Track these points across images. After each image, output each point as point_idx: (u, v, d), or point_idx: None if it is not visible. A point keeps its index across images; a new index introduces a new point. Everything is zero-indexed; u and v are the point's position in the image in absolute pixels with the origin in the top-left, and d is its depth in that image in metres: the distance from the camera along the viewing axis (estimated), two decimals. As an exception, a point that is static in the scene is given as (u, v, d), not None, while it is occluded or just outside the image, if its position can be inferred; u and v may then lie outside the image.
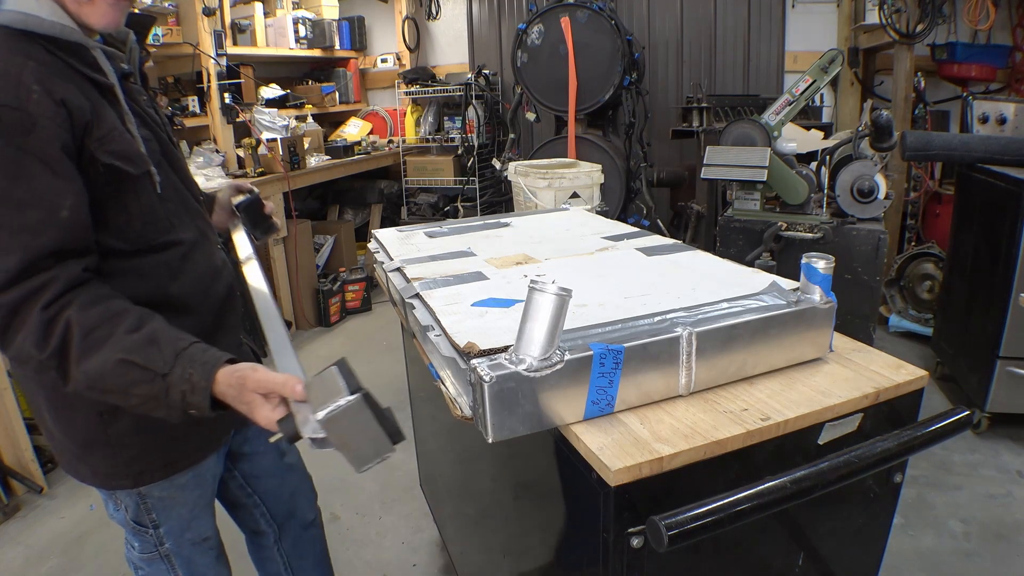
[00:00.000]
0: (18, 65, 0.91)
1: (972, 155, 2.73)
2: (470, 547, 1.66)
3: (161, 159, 1.11)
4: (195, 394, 0.91)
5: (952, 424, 0.92)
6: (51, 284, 0.90)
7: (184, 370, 0.91)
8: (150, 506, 1.19)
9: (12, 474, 2.49)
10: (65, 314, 0.89)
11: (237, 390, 0.91)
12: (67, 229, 0.92)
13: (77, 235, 0.94)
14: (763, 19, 4.57)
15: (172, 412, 0.93)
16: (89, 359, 0.89)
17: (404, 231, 1.70)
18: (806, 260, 1.00)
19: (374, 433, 0.84)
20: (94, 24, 1.00)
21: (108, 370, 0.89)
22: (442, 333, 1.00)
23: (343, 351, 3.83)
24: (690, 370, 0.92)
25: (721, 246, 2.69)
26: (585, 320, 0.96)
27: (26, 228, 0.89)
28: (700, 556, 0.89)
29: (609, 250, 1.43)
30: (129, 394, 0.91)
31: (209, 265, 1.19)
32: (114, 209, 1.01)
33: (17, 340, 0.90)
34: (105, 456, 1.12)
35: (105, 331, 0.90)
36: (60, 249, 0.91)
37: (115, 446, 1.11)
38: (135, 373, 0.90)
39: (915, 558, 2.04)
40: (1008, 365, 2.52)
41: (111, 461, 1.12)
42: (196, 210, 1.20)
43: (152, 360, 0.91)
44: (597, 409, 0.88)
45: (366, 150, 4.96)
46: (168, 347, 0.92)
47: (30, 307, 0.89)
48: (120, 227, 1.02)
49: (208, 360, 0.93)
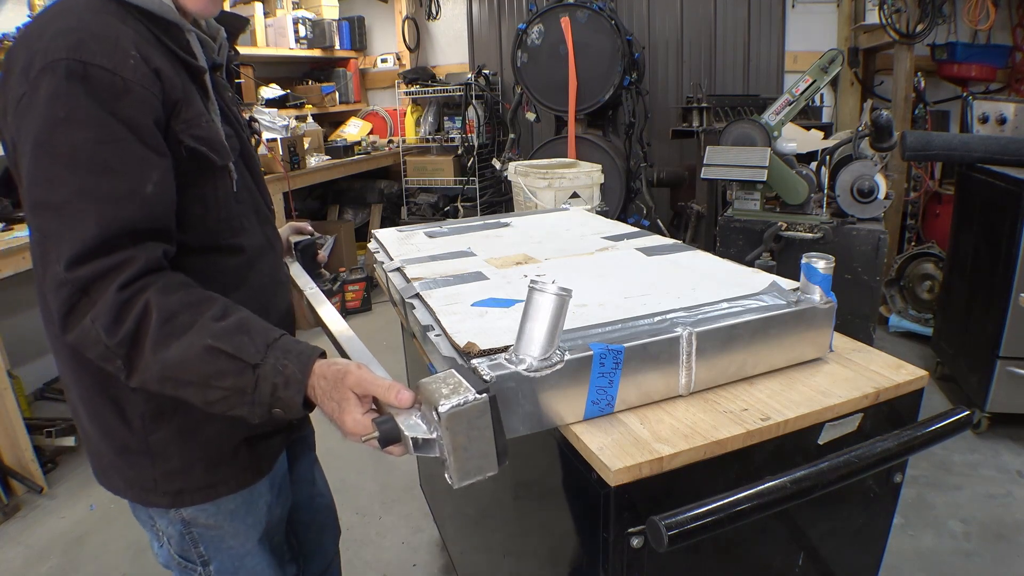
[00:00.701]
0: (115, 29, 0.86)
1: (972, 155, 2.73)
2: (470, 547, 1.66)
3: (239, 159, 1.05)
4: (288, 388, 0.82)
5: (952, 424, 0.91)
6: (130, 263, 0.82)
7: (278, 361, 0.83)
8: (196, 537, 1.07)
9: (12, 474, 2.49)
10: (143, 296, 0.81)
11: (332, 384, 0.82)
12: (151, 206, 0.85)
13: (160, 215, 0.87)
14: (763, 19, 4.57)
15: (255, 410, 0.84)
16: (169, 346, 0.81)
17: (404, 231, 1.70)
18: (806, 260, 1.00)
19: (487, 444, 0.75)
20: (190, 7, 0.97)
21: (191, 358, 0.81)
22: (442, 333, 1.00)
23: (343, 351, 3.82)
24: (690, 370, 0.92)
25: (721, 246, 2.69)
26: (585, 320, 0.96)
27: (108, 198, 0.82)
28: (700, 556, 0.89)
29: (609, 250, 1.43)
30: (211, 387, 0.82)
31: (273, 277, 1.13)
32: (190, 199, 0.94)
33: (84, 323, 0.81)
34: (142, 466, 1.01)
35: (189, 317, 0.82)
36: (141, 227, 0.84)
37: (155, 455, 1.00)
38: (222, 362, 0.81)
39: (915, 558, 2.04)
40: (1008, 365, 2.52)
41: (148, 472, 1.01)
42: (266, 217, 1.14)
43: (243, 349, 0.82)
44: (597, 409, 0.88)
45: (366, 150, 4.96)
46: (259, 336, 0.84)
47: (105, 286, 0.80)
48: (193, 220, 0.95)
49: (303, 351, 0.85)
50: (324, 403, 0.83)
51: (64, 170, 0.81)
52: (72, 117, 0.81)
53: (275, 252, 1.16)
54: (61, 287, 0.81)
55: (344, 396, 0.81)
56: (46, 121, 0.81)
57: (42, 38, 0.83)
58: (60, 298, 0.81)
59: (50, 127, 0.81)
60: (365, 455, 2.73)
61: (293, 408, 0.83)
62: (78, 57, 0.81)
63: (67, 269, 0.80)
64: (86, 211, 0.81)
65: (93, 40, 0.83)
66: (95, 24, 0.85)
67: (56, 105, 0.81)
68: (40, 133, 0.81)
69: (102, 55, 0.83)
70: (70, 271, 0.80)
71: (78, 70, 0.81)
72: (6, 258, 2.44)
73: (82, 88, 0.81)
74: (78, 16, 0.86)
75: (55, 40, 0.82)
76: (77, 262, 0.80)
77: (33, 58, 0.82)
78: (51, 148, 0.81)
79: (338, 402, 0.81)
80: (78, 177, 0.81)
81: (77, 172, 0.81)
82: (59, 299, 0.81)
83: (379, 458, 2.73)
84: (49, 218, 0.82)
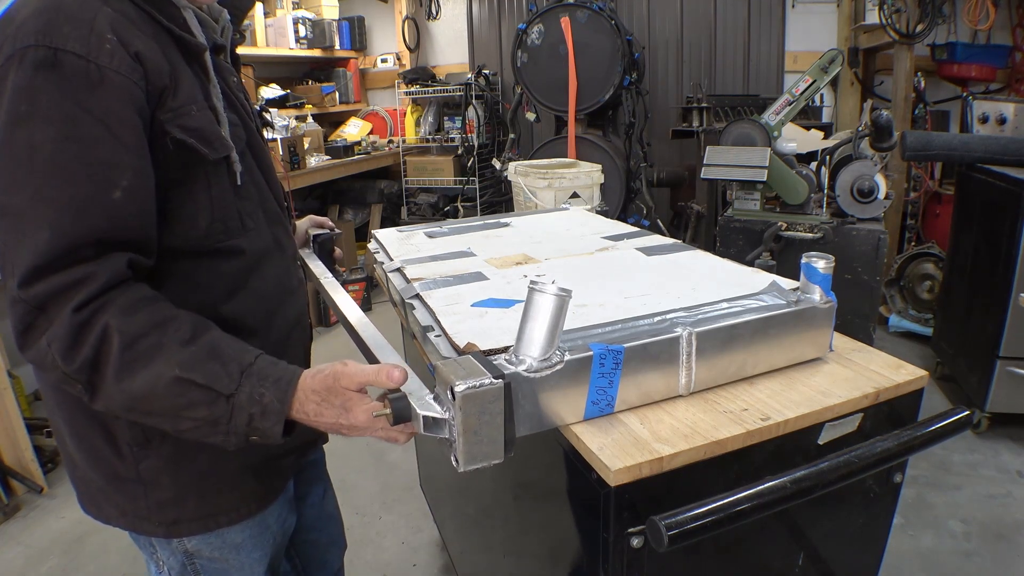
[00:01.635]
0: (92, 9, 0.77)
1: (972, 155, 2.73)
2: (470, 547, 1.66)
3: (246, 149, 0.96)
4: (265, 418, 0.77)
5: (952, 424, 0.91)
6: (88, 280, 0.74)
7: (254, 389, 0.77)
8: (199, 568, 1.00)
9: (12, 474, 2.49)
10: (102, 318, 0.74)
11: (326, 392, 0.78)
12: (119, 213, 0.76)
13: (130, 223, 0.78)
14: (763, 19, 4.57)
15: (230, 439, 0.78)
16: (133, 376, 0.74)
17: (404, 231, 1.70)
18: (806, 260, 1.00)
19: (497, 431, 0.76)
20: None
21: (159, 389, 0.74)
22: (442, 333, 1.00)
23: (343, 351, 3.82)
24: (690, 370, 0.92)
25: (721, 246, 2.69)
26: (585, 320, 0.96)
27: (67, 205, 0.73)
28: (700, 556, 0.89)
29: (609, 250, 1.43)
30: (181, 417, 0.76)
31: (280, 284, 1.03)
32: (179, 197, 0.85)
33: (40, 344, 0.74)
34: (134, 495, 0.94)
35: (153, 341, 0.75)
36: (106, 238, 0.76)
37: (146, 484, 0.93)
38: (193, 393, 0.75)
39: (915, 558, 2.04)
40: (1008, 365, 2.52)
41: (142, 501, 0.94)
42: (276, 215, 1.03)
43: (215, 378, 0.76)
44: (597, 409, 0.88)
45: (366, 150, 4.97)
46: (232, 363, 0.77)
47: (60, 306, 0.73)
48: (183, 220, 0.86)
49: (282, 376, 0.79)
50: (324, 414, 0.79)
51: (22, 172, 0.73)
52: (35, 112, 0.73)
53: (285, 255, 1.05)
54: (15, 304, 0.74)
55: (346, 397, 0.78)
56: (8, 116, 0.73)
57: (14, 21, 0.76)
58: (15, 315, 0.75)
59: (11, 123, 0.73)
60: (365, 455, 2.73)
61: (271, 437, 0.79)
62: (47, 43, 0.73)
63: (20, 286, 0.73)
64: (41, 220, 0.73)
65: (66, 22, 0.75)
66: (70, 2, 0.77)
67: (19, 98, 0.73)
68: (1, 130, 0.74)
69: (75, 39, 0.74)
70: (23, 288, 0.73)
71: (47, 58, 0.73)
72: (6, 258, 2.43)
73: (50, 77, 0.73)
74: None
75: (26, 24, 0.75)
76: (31, 278, 0.73)
77: (2, 44, 0.75)
78: (10, 147, 0.74)
79: (342, 405, 0.78)
80: (35, 180, 0.73)
81: (34, 175, 0.73)
82: (14, 316, 0.75)
83: (379, 458, 2.72)
84: (5, 226, 0.75)
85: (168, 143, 0.82)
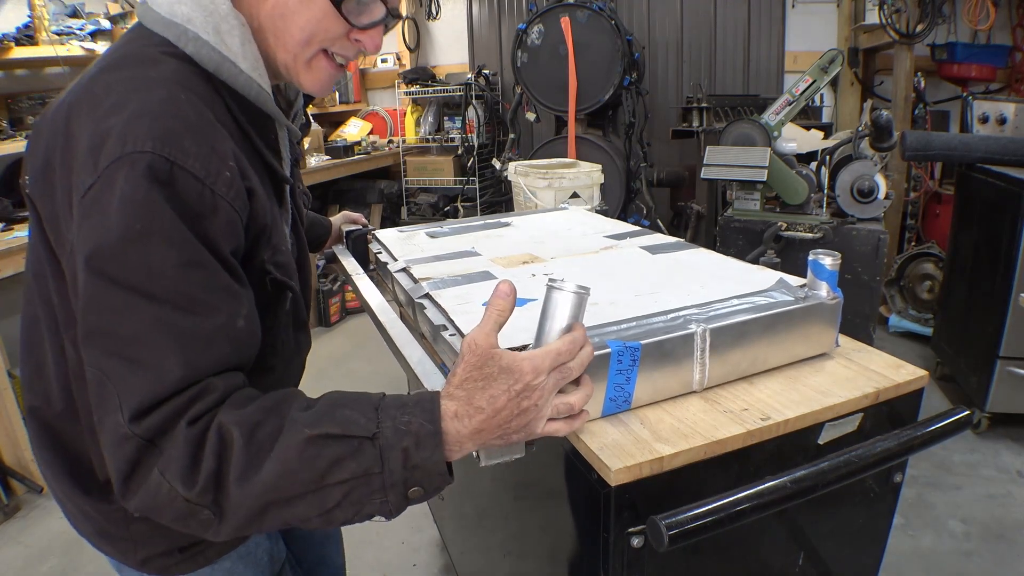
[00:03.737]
0: (212, 126, 0.71)
1: (972, 155, 2.73)
2: (470, 547, 1.66)
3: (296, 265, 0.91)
4: (422, 447, 0.64)
5: (952, 424, 0.91)
6: (204, 393, 0.66)
7: (396, 421, 0.65)
8: None
9: (12, 474, 2.49)
10: (214, 422, 0.64)
11: (483, 381, 0.66)
12: (242, 343, 0.71)
13: (250, 352, 0.73)
14: (763, 19, 4.57)
15: (389, 496, 0.65)
16: (261, 465, 0.62)
17: (405, 231, 1.70)
18: (813, 257, 1.02)
19: None
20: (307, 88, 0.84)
21: (292, 463, 0.62)
22: (456, 332, 1.00)
23: (343, 351, 3.83)
24: (704, 366, 0.93)
25: (721, 246, 2.69)
26: (600, 318, 0.96)
27: (194, 335, 0.66)
28: (700, 556, 0.89)
29: (613, 249, 1.43)
30: (326, 488, 0.64)
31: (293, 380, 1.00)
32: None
33: (150, 480, 0.63)
34: (124, 550, 0.89)
35: (273, 423, 0.65)
36: (229, 366, 0.70)
37: (136, 542, 0.88)
38: (331, 449, 0.63)
39: (915, 558, 2.04)
40: (1008, 365, 2.52)
41: (131, 556, 0.89)
42: (303, 322, 0.97)
43: (350, 424, 0.64)
44: (615, 406, 0.89)
45: (366, 150, 4.97)
46: (362, 403, 0.67)
47: (174, 428, 0.63)
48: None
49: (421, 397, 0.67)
50: (501, 417, 0.66)
51: (137, 296, 0.65)
52: (152, 232, 0.65)
53: (300, 357, 1.01)
54: (123, 442, 0.64)
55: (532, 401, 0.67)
56: (120, 233, 0.64)
57: (120, 111, 0.67)
58: (121, 456, 0.64)
59: (124, 241, 0.64)
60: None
61: (434, 474, 0.66)
62: (165, 154, 0.66)
63: (132, 420, 0.63)
64: (165, 348, 0.65)
65: (187, 134, 0.68)
66: (190, 111, 0.69)
67: (131, 212, 0.64)
68: (108, 245, 0.65)
69: (195, 158, 0.67)
70: (136, 422, 0.63)
71: (162, 171, 0.66)
72: (6, 258, 2.44)
73: (162, 195, 0.65)
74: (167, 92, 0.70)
75: (139, 122, 0.66)
76: (148, 410, 0.64)
77: (106, 137, 0.66)
78: (122, 268, 0.65)
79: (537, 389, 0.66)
80: (154, 307, 0.65)
81: (154, 301, 0.65)
82: (119, 458, 0.64)
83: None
84: (111, 354, 0.65)
85: (268, 282, 0.80)
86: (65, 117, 0.72)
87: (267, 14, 0.78)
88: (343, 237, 1.50)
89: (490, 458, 0.74)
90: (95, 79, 0.73)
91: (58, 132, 0.72)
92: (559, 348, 0.70)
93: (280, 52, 0.80)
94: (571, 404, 0.72)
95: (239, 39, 0.76)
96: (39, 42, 2.93)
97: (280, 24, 0.78)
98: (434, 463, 0.65)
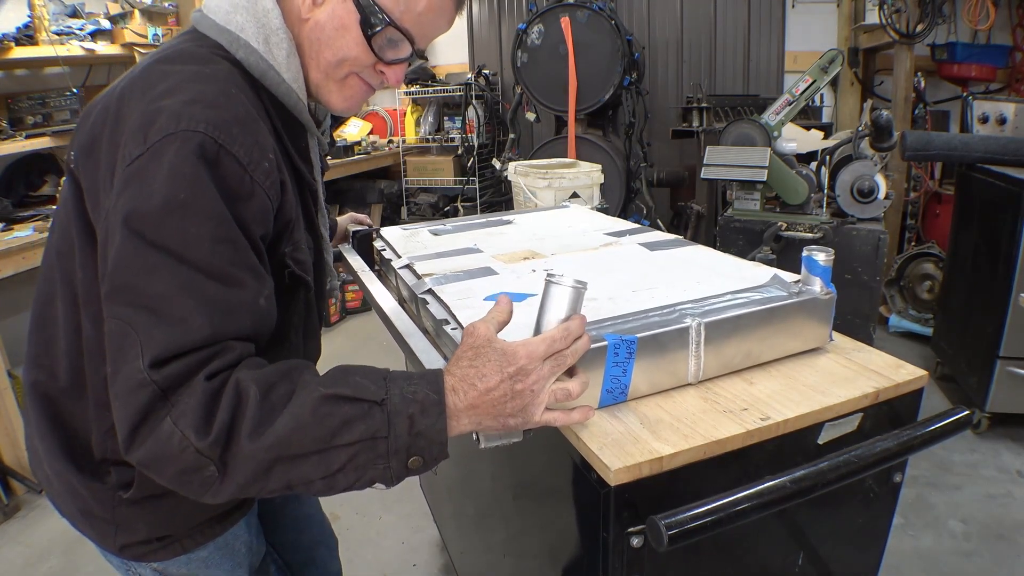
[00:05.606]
0: (257, 122, 0.76)
1: (972, 155, 2.73)
2: (470, 547, 1.66)
3: (315, 265, 0.95)
4: (427, 414, 0.68)
5: (952, 424, 0.92)
6: (224, 352, 0.69)
7: (403, 389, 0.69)
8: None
9: (12, 474, 2.49)
10: (232, 379, 0.67)
11: (480, 364, 0.71)
12: (262, 320, 0.75)
13: (265, 332, 0.77)
14: (763, 19, 4.57)
15: (391, 463, 0.69)
16: (276, 418, 0.66)
17: (408, 229, 1.71)
18: (807, 253, 1.03)
19: None
20: (335, 107, 0.90)
21: (305, 417, 0.66)
22: (458, 327, 1.02)
23: (343, 351, 3.83)
24: (699, 359, 0.94)
25: (721, 246, 2.69)
26: (598, 314, 0.97)
27: (219, 304, 0.70)
28: (700, 556, 0.89)
29: (613, 246, 1.44)
30: (334, 448, 0.67)
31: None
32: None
33: (161, 429, 0.65)
34: (105, 532, 0.91)
35: (287, 386, 0.68)
36: (248, 337, 0.73)
37: (118, 526, 0.90)
38: (344, 409, 0.67)
39: (915, 558, 2.04)
40: (1008, 365, 2.52)
41: (111, 540, 0.91)
42: (314, 331, 1.00)
43: (361, 388, 0.69)
44: (611, 398, 0.90)
45: (366, 150, 4.97)
46: (371, 374, 0.71)
47: (190, 379, 0.66)
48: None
49: (427, 372, 0.73)
50: (494, 396, 0.70)
51: (171, 258, 0.68)
52: (192, 204, 0.69)
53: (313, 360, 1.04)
54: (139, 389, 0.66)
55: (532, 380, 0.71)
56: (161, 199, 0.68)
57: (173, 95, 0.72)
58: (134, 403, 0.66)
59: (165, 208, 0.68)
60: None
61: (436, 442, 0.70)
62: (216, 137, 0.71)
63: (153, 367, 0.66)
64: (192, 308, 0.68)
65: (236, 124, 0.73)
66: (241, 107, 0.75)
67: (177, 183, 0.69)
68: (150, 212, 0.68)
69: (240, 145, 0.72)
70: (156, 369, 0.66)
71: (211, 151, 0.71)
72: (6, 258, 2.44)
73: (208, 173, 0.70)
74: (220, 87, 0.75)
75: (193, 106, 0.71)
76: (169, 358, 0.66)
77: (157, 115, 0.71)
78: (159, 232, 0.68)
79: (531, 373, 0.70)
80: (183, 272, 0.68)
81: (184, 265, 0.68)
82: (132, 404, 0.66)
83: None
84: (138, 307, 0.68)
85: (286, 275, 0.84)
86: (117, 99, 0.77)
87: (305, 35, 0.85)
88: (349, 236, 1.56)
89: (489, 440, 0.77)
90: (149, 68, 0.78)
91: (108, 112, 0.76)
92: (553, 336, 0.73)
93: (312, 71, 0.86)
94: (568, 390, 0.75)
95: (285, 52, 0.83)
96: (39, 42, 2.93)
97: (316, 46, 0.85)
98: (437, 431, 0.70)
